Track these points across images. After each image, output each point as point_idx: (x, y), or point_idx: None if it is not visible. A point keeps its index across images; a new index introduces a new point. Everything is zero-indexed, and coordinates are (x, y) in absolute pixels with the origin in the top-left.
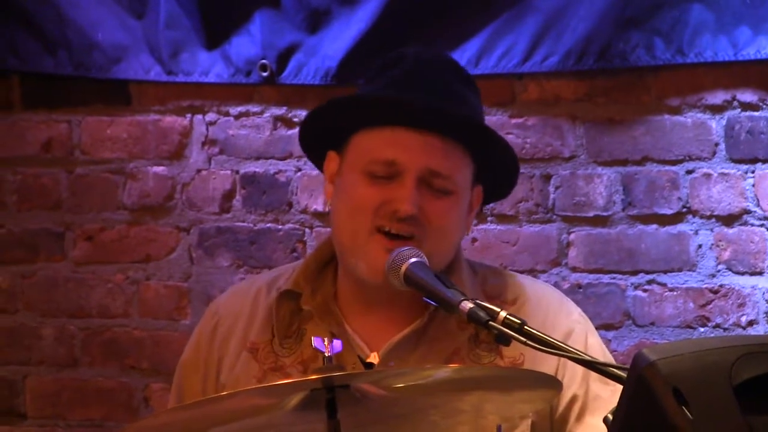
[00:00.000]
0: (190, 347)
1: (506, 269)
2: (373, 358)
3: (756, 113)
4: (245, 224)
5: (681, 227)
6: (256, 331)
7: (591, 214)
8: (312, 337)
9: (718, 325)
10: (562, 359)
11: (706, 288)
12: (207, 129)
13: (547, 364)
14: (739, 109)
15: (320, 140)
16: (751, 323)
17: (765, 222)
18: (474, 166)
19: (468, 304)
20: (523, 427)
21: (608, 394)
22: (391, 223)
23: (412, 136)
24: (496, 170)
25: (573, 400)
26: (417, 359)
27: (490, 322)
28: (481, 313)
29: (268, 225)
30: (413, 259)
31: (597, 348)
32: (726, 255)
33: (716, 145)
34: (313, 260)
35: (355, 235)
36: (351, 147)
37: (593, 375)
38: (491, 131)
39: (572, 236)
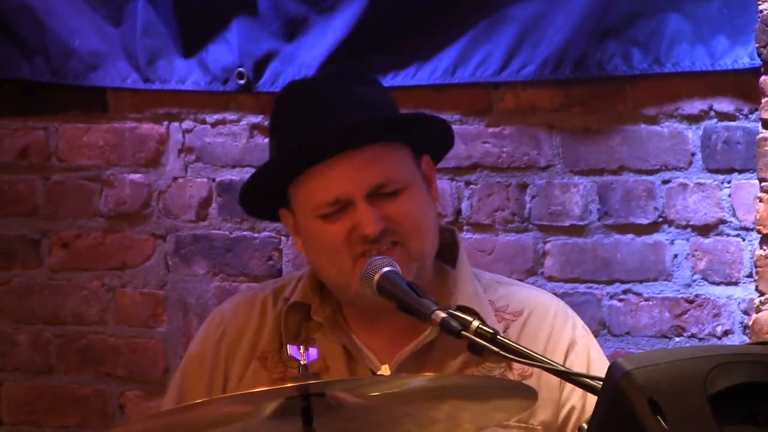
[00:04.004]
0: (195, 354)
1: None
2: (384, 371)
3: (732, 123)
4: (221, 232)
5: (657, 237)
6: (266, 341)
7: (567, 223)
8: (288, 345)
9: (693, 335)
10: (567, 358)
11: (681, 298)
12: (183, 137)
13: (553, 377)
14: (716, 119)
15: (266, 205)
16: (726, 333)
17: (741, 232)
18: (409, 147)
19: (440, 314)
20: None
21: None
22: (367, 246)
23: (340, 165)
24: (429, 137)
25: (571, 411)
26: (428, 371)
27: (463, 332)
28: (454, 323)
29: (244, 233)
30: (386, 269)
31: (599, 362)
32: (702, 265)
33: (693, 155)
34: (314, 273)
35: (341, 271)
36: (294, 200)
37: None
38: (402, 115)
39: (548, 245)
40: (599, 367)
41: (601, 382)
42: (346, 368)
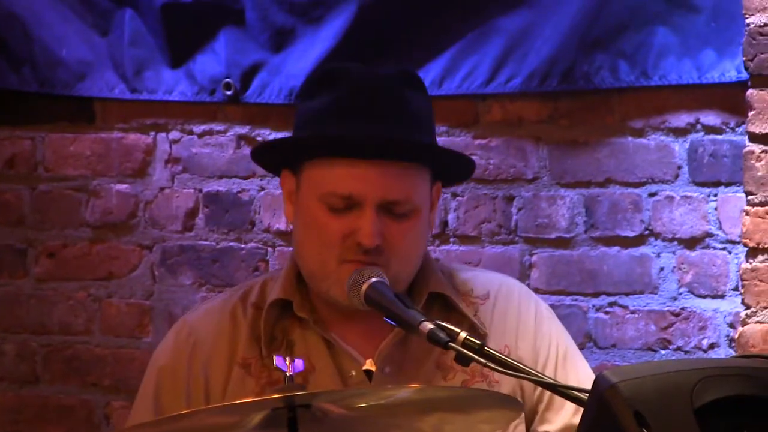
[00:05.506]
0: (167, 368)
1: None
2: (369, 365)
3: (719, 137)
4: (208, 243)
5: (643, 250)
6: (244, 348)
7: (553, 235)
8: (273, 356)
9: (679, 348)
10: (537, 332)
11: (667, 311)
12: (170, 147)
13: (526, 339)
14: (703, 133)
15: (274, 159)
16: (712, 346)
17: (727, 245)
18: (430, 173)
19: (428, 325)
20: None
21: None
22: (357, 255)
23: (367, 168)
24: (451, 172)
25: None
26: (409, 361)
27: (450, 344)
28: (441, 335)
29: (231, 244)
30: (374, 279)
31: (563, 336)
32: (688, 278)
33: (679, 168)
34: (292, 271)
35: (323, 264)
36: (306, 173)
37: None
38: (442, 149)
39: (534, 258)
40: (563, 339)
41: (588, 395)
42: (331, 364)
